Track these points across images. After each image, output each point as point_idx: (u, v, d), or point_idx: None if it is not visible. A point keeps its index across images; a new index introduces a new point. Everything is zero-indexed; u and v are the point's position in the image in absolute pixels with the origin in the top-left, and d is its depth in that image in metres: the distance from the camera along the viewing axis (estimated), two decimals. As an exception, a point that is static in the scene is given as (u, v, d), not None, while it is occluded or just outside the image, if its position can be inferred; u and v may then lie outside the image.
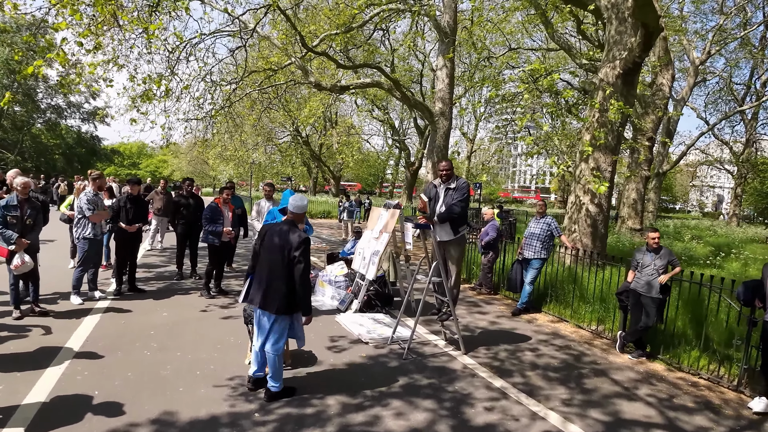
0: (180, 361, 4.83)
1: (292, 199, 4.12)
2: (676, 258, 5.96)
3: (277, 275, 3.93)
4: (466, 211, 5.54)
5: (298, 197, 4.16)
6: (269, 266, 3.97)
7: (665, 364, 5.77)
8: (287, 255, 3.90)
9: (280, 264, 3.92)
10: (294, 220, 4.11)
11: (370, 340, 5.63)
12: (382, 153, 48.00)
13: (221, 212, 7.17)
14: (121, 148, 67.50)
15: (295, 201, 4.10)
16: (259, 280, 4.02)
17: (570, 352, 5.95)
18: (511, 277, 7.86)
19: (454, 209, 5.33)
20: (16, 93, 37.02)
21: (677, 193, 67.69)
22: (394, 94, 16.59)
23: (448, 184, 5.52)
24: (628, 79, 9.92)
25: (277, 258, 3.93)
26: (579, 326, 7.08)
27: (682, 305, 6.30)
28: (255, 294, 4.02)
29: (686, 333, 6.13)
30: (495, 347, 5.85)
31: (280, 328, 4.02)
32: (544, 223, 7.57)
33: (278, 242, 3.94)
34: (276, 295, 3.92)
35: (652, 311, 5.77)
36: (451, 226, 5.44)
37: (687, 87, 25.86)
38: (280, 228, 4.03)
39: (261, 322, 4.07)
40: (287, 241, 3.92)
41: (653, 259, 5.89)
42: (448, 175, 5.54)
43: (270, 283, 3.94)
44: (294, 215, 4.11)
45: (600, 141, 9.28)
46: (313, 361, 5.01)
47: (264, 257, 4.03)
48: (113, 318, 6.14)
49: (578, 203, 10.00)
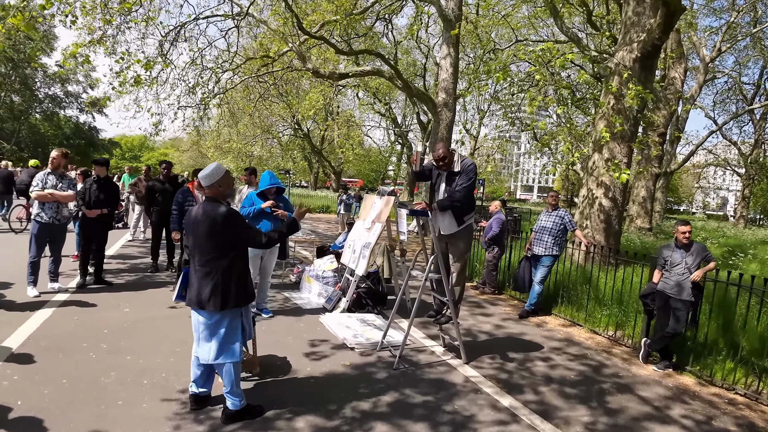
0: (128, 366, 4.07)
1: (204, 170, 3.31)
2: (710, 254, 5.18)
3: (211, 265, 3.17)
4: (472, 197, 4.69)
5: (211, 165, 3.33)
6: (200, 256, 3.20)
7: (695, 377, 5.00)
8: (217, 238, 3.16)
9: (211, 251, 3.17)
10: (213, 195, 3.27)
11: (356, 345, 4.83)
12: (384, 149, 47.20)
13: (195, 197, 6.41)
14: (123, 140, 66.79)
15: (204, 170, 3.28)
16: (192, 275, 3.25)
17: (587, 362, 5.17)
18: (518, 275, 7.08)
19: (456, 195, 4.46)
20: (14, 81, 36.43)
21: (682, 193, 66.77)
22: (395, 82, 15.83)
23: (451, 169, 4.63)
24: (647, 64, 9.13)
25: (205, 245, 3.17)
26: (594, 331, 6.31)
27: (711, 309, 5.53)
28: (189, 291, 3.26)
29: (717, 341, 5.36)
30: (501, 356, 5.07)
31: (228, 328, 3.24)
32: (556, 216, 6.78)
33: (202, 227, 3.17)
34: (214, 289, 3.14)
35: (683, 316, 5.01)
36: (454, 215, 4.56)
37: (696, 85, 25.15)
38: (198, 211, 3.24)
39: (200, 325, 3.26)
40: (210, 222, 3.15)
41: (684, 256, 5.11)
42: (448, 163, 4.60)
43: (205, 275, 3.17)
44: (210, 189, 3.26)
45: (617, 129, 8.50)
46: (285, 370, 4.22)
47: (193, 247, 3.24)
48: (66, 314, 5.40)
49: (591, 197, 9.22)
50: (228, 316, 3.23)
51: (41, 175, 5.97)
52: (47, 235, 6.14)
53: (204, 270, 3.15)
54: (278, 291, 7.08)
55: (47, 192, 5.95)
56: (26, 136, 39.92)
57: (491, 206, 8.66)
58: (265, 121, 31.80)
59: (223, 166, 3.34)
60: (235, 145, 31.64)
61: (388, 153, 47.32)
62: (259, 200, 5.48)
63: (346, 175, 53.70)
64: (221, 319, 3.20)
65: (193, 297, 3.18)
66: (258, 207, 5.39)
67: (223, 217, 3.14)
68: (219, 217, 3.13)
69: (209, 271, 3.15)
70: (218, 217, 3.13)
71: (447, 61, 15.24)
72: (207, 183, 3.24)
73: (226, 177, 3.28)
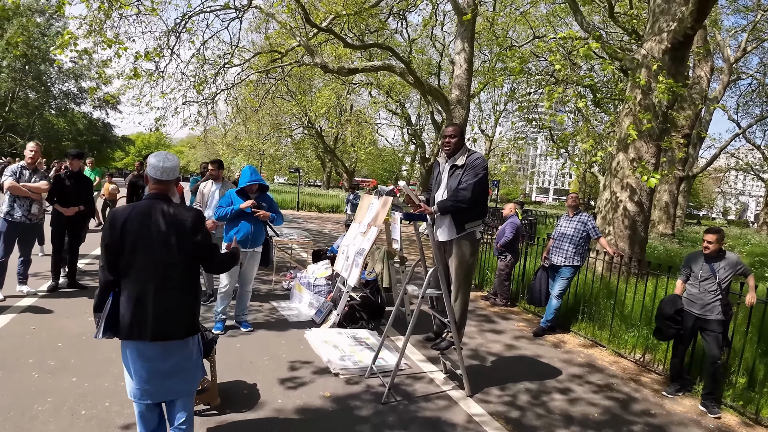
0: (70, 390, 3.44)
1: (151, 158, 2.55)
2: (745, 266, 4.41)
3: (173, 281, 2.45)
4: (483, 200, 3.93)
5: (159, 154, 2.56)
6: (155, 271, 2.43)
7: (737, 414, 4.26)
8: (182, 246, 2.44)
9: (174, 262, 2.45)
10: (162, 191, 2.54)
11: (341, 370, 4.13)
12: (398, 149, 46.48)
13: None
14: (139, 138, 66.91)
15: (164, 160, 2.53)
16: (138, 297, 2.42)
17: (613, 395, 4.43)
18: (534, 287, 6.33)
19: (461, 195, 3.73)
20: (28, 76, 36.44)
21: (702, 198, 65.02)
22: (406, 78, 15.16)
23: (453, 161, 3.94)
24: (678, 55, 8.33)
25: (165, 255, 2.43)
26: (619, 354, 5.56)
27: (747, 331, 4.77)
28: (133, 321, 2.40)
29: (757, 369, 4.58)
30: (512, 386, 4.34)
31: (191, 359, 2.55)
32: (578, 222, 6.03)
33: (160, 231, 2.42)
34: (178, 311, 2.45)
35: (716, 339, 4.27)
36: (453, 220, 3.84)
37: (720, 86, 24.20)
38: (151, 211, 2.45)
39: (152, 360, 2.45)
40: (176, 225, 2.44)
41: (714, 269, 4.35)
42: (454, 146, 3.95)
43: (163, 296, 2.42)
44: (159, 185, 2.53)
45: (645, 126, 7.72)
46: (251, 402, 3.53)
47: (141, 260, 2.43)
48: (24, 322, 4.81)
49: (614, 200, 8.45)
50: (193, 344, 2.57)
51: (15, 167, 5.45)
52: (17, 235, 5.60)
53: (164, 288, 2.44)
54: (266, 300, 6.42)
55: (22, 185, 5.42)
56: (40, 131, 39.90)
57: (505, 209, 7.91)
58: (277, 119, 31.32)
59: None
60: (246, 143, 31.17)
61: (402, 153, 46.60)
62: (239, 199, 4.83)
63: (359, 175, 53.11)
64: (186, 348, 2.52)
65: (151, 325, 2.39)
66: (237, 207, 4.74)
67: (193, 218, 2.48)
68: (189, 219, 2.47)
69: (173, 289, 2.46)
70: (189, 219, 2.47)
71: (461, 56, 14.53)
72: (171, 176, 2.55)
73: None
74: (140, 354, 2.42)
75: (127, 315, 2.39)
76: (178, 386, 2.50)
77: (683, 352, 4.61)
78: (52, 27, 34.29)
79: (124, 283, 2.42)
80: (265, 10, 13.64)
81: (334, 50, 17.77)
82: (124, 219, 2.42)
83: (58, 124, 41.74)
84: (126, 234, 2.40)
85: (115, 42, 9.52)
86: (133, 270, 2.41)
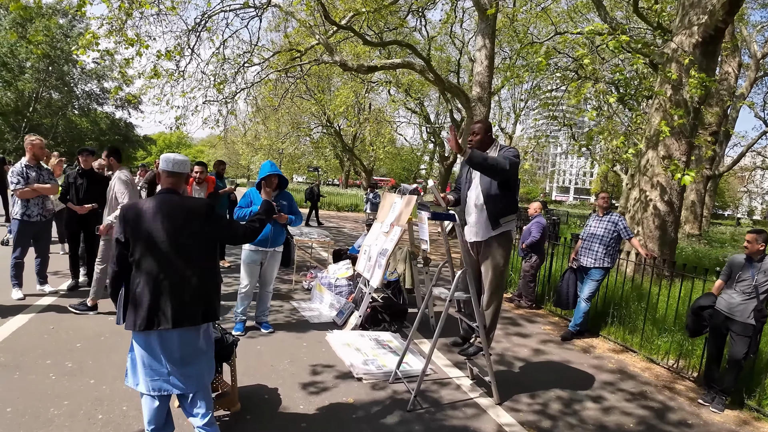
0: (87, 393, 3.35)
1: (163, 155, 2.62)
2: None
3: (190, 269, 2.45)
4: (513, 185, 3.63)
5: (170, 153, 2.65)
6: (172, 261, 2.42)
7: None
8: (198, 233, 2.49)
9: (190, 250, 2.47)
10: (174, 185, 2.60)
11: (364, 374, 3.98)
12: (416, 148, 46.21)
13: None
14: (160, 137, 67.72)
15: (167, 155, 2.62)
16: (156, 287, 2.39)
17: (648, 403, 4.21)
18: (561, 290, 6.11)
19: (499, 161, 3.33)
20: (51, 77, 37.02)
21: (728, 198, 63.50)
22: (426, 75, 14.96)
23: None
24: (709, 50, 8.04)
25: (181, 244, 2.44)
26: (650, 359, 5.32)
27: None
28: (152, 311, 2.37)
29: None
30: (543, 393, 4.15)
31: (207, 344, 2.58)
32: (608, 222, 5.79)
33: (174, 222, 2.44)
34: (197, 297, 2.45)
35: (741, 342, 4.12)
36: (488, 216, 3.58)
37: (747, 82, 23.55)
38: (163, 203, 2.47)
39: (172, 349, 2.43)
40: (189, 214, 2.50)
41: (753, 270, 4.13)
42: (477, 142, 3.64)
43: (181, 284, 2.42)
44: (171, 177, 2.59)
45: (677, 122, 7.42)
46: (272, 408, 3.40)
47: (156, 252, 2.42)
48: (44, 321, 4.77)
49: (644, 200, 8.17)
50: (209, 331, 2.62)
51: (19, 169, 5.35)
52: (32, 234, 5.56)
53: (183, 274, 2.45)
54: (287, 300, 6.32)
55: (31, 188, 5.36)
56: (63, 131, 40.59)
57: (530, 208, 7.67)
58: (296, 118, 31.37)
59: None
60: (266, 142, 31.26)
61: (420, 152, 46.34)
62: (260, 198, 4.68)
63: (377, 174, 52.95)
64: (203, 333, 2.55)
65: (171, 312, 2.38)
66: (256, 209, 4.58)
67: (203, 205, 2.57)
68: (199, 205, 2.56)
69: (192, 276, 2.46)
70: (198, 206, 2.56)
71: (482, 53, 14.27)
72: (182, 169, 2.63)
73: None
74: (160, 343, 2.41)
75: (144, 306, 2.37)
76: (195, 373, 2.49)
77: (715, 354, 4.43)
78: (74, 28, 34.80)
79: (140, 275, 2.42)
80: (285, 9, 13.58)
81: (352, 48, 17.66)
82: (136, 212, 2.45)
83: (81, 124, 42.39)
84: (139, 227, 2.42)
85: (137, 40, 9.50)
86: (149, 261, 2.41)
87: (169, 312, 2.37)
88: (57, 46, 33.34)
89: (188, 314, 2.41)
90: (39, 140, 5.46)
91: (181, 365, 2.44)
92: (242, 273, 4.78)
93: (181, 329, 2.41)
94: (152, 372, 2.43)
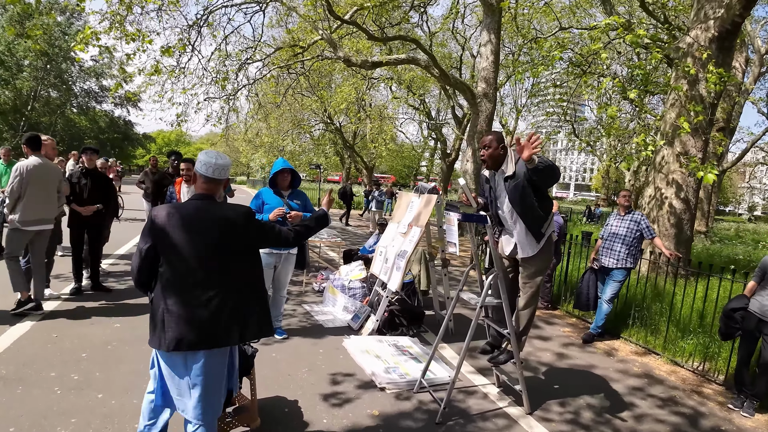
0: (95, 409, 3.15)
1: (202, 155, 2.32)
2: None
3: (229, 285, 2.24)
4: (548, 195, 3.40)
5: (211, 152, 2.34)
6: (208, 276, 2.20)
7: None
8: (236, 247, 2.26)
9: (228, 265, 2.24)
10: (210, 192, 2.33)
11: (387, 383, 3.78)
12: (418, 145, 45.99)
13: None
14: (160, 136, 67.40)
15: (207, 157, 2.30)
16: (186, 305, 2.17)
17: (679, 409, 4.03)
18: (581, 291, 5.91)
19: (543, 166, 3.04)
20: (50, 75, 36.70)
21: (730, 194, 63.37)
22: (431, 71, 14.72)
23: (503, 173, 3.33)
24: (725, 45, 7.83)
25: (217, 259, 2.22)
26: (675, 362, 5.13)
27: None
28: (185, 327, 2.16)
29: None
30: (572, 400, 3.96)
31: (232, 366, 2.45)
32: (631, 221, 5.59)
33: (210, 234, 2.20)
34: (234, 315, 2.24)
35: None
36: (529, 228, 3.30)
37: (751, 77, 23.38)
38: (197, 212, 2.23)
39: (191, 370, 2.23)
40: (226, 226, 2.23)
41: None
42: (489, 157, 3.34)
43: (215, 298, 2.20)
44: (208, 184, 2.32)
45: (696, 118, 7.23)
46: (295, 422, 3.19)
47: (188, 265, 2.19)
48: (46, 329, 4.56)
49: (659, 197, 7.97)
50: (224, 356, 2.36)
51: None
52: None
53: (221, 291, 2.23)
54: (298, 303, 6.11)
55: None
56: (62, 130, 40.28)
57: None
58: (297, 115, 31.13)
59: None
60: (267, 140, 31.02)
61: (422, 149, 46.11)
62: (272, 198, 4.46)
63: (378, 171, 52.72)
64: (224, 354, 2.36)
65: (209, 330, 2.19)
66: (265, 216, 4.33)
67: (242, 213, 2.31)
68: (238, 213, 2.29)
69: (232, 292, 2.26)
70: (238, 214, 2.29)
71: (488, 48, 14.04)
72: (222, 175, 2.34)
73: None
74: (185, 364, 2.23)
75: (173, 324, 2.15)
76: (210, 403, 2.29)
77: (746, 358, 4.24)
78: (72, 26, 34.52)
79: (168, 290, 2.19)
80: (287, 4, 13.37)
81: (354, 44, 17.43)
82: (165, 219, 2.20)
83: (80, 122, 42.13)
84: (167, 236, 2.18)
85: (138, 36, 9.28)
86: (178, 275, 2.19)
87: (206, 331, 2.18)
88: (55, 44, 33.03)
89: (220, 335, 2.21)
90: (51, 140, 5.25)
91: (199, 391, 2.23)
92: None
93: (209, 351, 2.21)
94: (170, 386, 2.29)
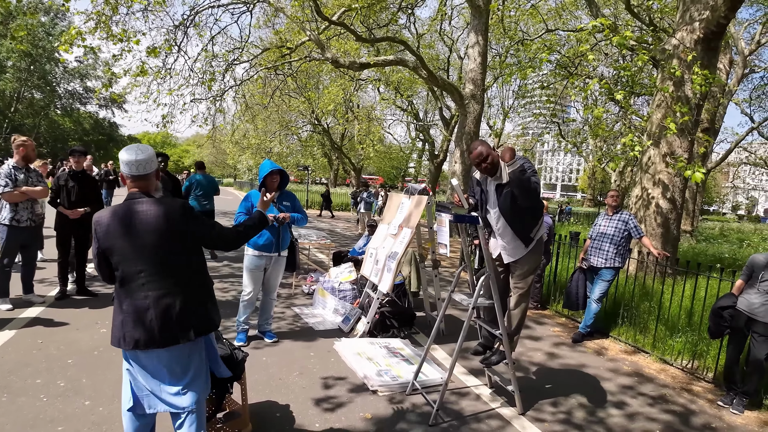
0: (83, 417, 3.09)
1: (122, 153, 2.21)
2: None
3: (174, 281, 2.19)
4: (540, 200, 3.40)
5: (130, 148, 2.24)
6: (151, 273, 2.16)
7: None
8: (175, 241, 2.20)
9: (170, 260, 2.19)
10: (142, 188, 2.24)
11: (380, 386, 3.75)
12: (406, 146, 46.09)
13: None
14: (145, 137, 66.78)
15: (128, 155, 2.19)
16: (139, 304, 2.15)
17: (670, 407, 4.06)
18: (570, 291, 5.95)
19: (526, 184, 3.14)
20: (33, 76, 36.22)
21: (714, 194, 64.27)
22: (419, 73, 14.78)
23: (496, 180, 3.34)
24: (711, 46, 7.95)
25: (159, 255, 2.17)
26: (664, 360, 5.17)
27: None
28: (138, 330, 2.13)
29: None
30: (564, 400, 3.97)
31: (195, 364, 2.28)
32: (618, 221, 5.64)
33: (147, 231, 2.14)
34: (186, 311, 2.19)
35: (764, 344, 3.99)
36: (518, 233, 3.38)
37: (735, 78, 23.74)
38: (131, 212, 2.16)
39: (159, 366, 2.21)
40: (163, 221, 2.16)
41: None
42: (489, 166, 3.29)
43: (166, 298, 2.16)
44: (137, 181, 2.23)
45: (682, 119, 7.32)
46: (287, 428, 3.16)
47: (133, 266, 2.16)
48: (32, 335, 4.47)
49: (646, 197, 8.06)
50: (198, 347, 2.31)
51: (7, 171, 5.01)
52: (21, 240, 5.25)
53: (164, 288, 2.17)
54: (288, 306, 6.07)
55: (19, 191, 5.05)
56: (46, 131, 39.78)
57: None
58: (284, 117, 31.00)
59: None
60: (254, 141, 30.86)
61: (409, 150, 46.20)
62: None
63: (365, 172, 52.72)
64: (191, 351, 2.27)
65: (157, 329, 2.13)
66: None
67: (179, 208, 2.21)
68: (174, 209, 2.19)
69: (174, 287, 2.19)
70: (174, 210, 2.19)
71: (475, 50, 14.14)
72: (148, 169, 2.24)
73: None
74: (150, 360, 2.20)
75: (129, 324, 2.13)
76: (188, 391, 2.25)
77: (735, 355, 4.29)
78: (56, 26, 34.10)
79: (122, 291, 2.18)
80: (274, 4, 13.31)
81: (341, 46, 17.41)
82: (106, 225, 2.17)
83: (64, 123, 41.63)
84: (110, 241, 2.16)
85: (124, 36, 9.17)
86: (128, 276, 2.16)
87: (157, 330, 2.13)
88: (39, 45, 32.60)
89: (177, 331, 2.16)
90: (32, 142, 5.16)
91: (172, 382, 2.22)
92: (245, 279, 4.51)
93: (172, 347, 2.18)
94: (142, 387, 2.25)
